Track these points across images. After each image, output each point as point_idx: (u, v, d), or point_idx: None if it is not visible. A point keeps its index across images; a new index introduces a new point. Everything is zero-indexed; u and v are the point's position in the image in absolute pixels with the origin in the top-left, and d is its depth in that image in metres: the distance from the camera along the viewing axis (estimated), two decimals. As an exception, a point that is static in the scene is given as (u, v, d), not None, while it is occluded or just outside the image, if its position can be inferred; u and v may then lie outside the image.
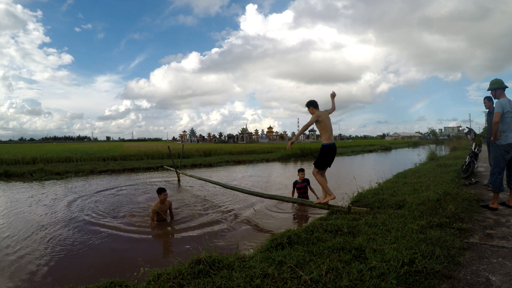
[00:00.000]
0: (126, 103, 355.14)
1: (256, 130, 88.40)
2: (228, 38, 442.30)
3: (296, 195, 6.66)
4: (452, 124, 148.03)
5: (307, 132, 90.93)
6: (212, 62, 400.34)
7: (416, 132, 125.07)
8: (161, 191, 5.60)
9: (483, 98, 5.67)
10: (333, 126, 4.71)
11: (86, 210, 6.72)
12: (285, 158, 22.21)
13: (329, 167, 4.72)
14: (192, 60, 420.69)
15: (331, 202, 4.77)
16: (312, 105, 4.58)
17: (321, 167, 4.61)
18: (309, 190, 6.74)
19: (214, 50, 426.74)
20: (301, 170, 6.77)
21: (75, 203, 7.51)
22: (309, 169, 5.59)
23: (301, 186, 6.65)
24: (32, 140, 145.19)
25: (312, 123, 4.57)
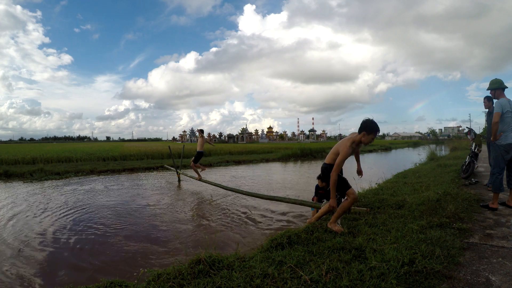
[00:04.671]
0: (126, 103, 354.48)
1: (256, 130, 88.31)
2: (226, 38, 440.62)
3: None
4: (452, 124, 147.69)
5: (307, 132, 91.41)
6: (209, 62, 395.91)
7: (416, 132, 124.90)
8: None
9: (483, 98, 5.68)
10: (332, 126, 4.83)
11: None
12: (285, 158, 22.28)
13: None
14: (189, 60, 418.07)
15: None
16: (202, 132, 9.71)
17: (197, 162, 9.53)
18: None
19: (212, 50, 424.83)
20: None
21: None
22: (307, 170, 5.53)
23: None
24: (32, 140, 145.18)
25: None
